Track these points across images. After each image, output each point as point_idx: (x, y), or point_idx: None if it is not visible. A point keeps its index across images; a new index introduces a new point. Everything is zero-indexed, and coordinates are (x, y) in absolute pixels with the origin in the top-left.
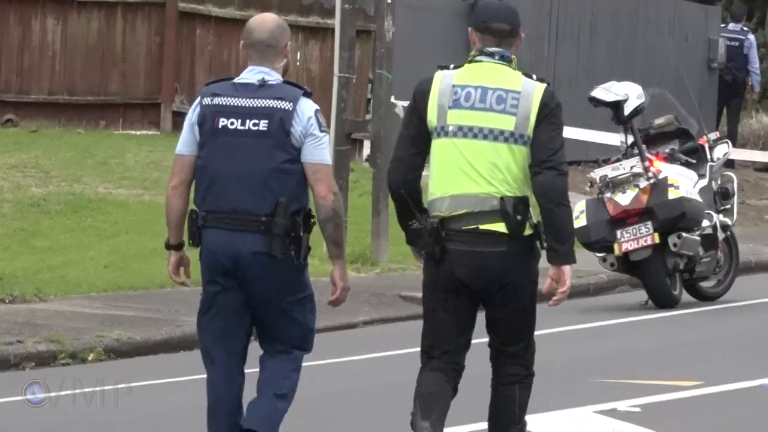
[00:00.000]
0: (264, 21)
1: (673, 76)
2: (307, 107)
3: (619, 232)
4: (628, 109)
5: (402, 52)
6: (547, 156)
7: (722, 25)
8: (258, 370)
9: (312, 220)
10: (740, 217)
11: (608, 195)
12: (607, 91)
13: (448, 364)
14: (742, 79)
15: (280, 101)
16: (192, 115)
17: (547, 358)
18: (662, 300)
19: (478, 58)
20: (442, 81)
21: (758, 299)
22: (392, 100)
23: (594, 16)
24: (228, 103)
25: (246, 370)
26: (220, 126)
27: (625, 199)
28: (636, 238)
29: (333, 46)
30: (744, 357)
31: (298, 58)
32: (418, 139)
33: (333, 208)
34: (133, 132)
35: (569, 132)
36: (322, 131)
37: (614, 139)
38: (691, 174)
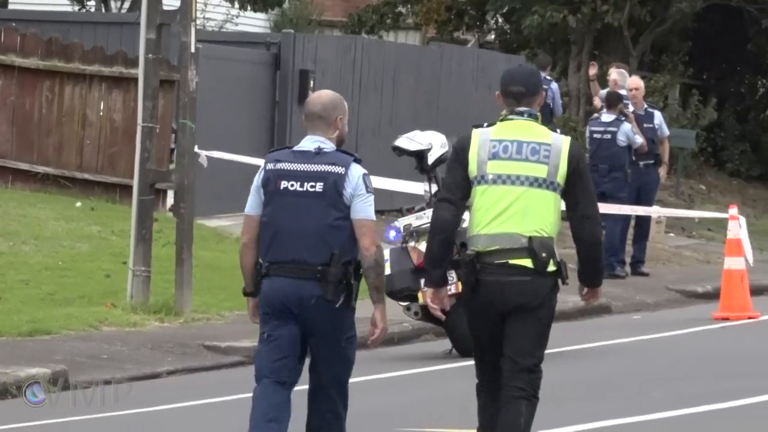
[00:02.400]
0: (320, 96)
1: (472, 123)
2: (356, 171)
3: (423, 281)
4: (431, 158)
5: (205, 102)
6: (587, 207)
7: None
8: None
9: (361, 270)
10: None
11: (412, 244)
12: (411, 141)
13: (496, 378)
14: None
15: (333, 166)
16: (257, 179)
17: (350, 410)
18: (466, 349)
19: (510, 117)
20: (481, 137)
21: (567, 347)
22: (196, 149)
23: (397, 67)
24: (289, 168)
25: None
26: (281, 188)
27: None
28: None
29: (136, 95)
30: (548, 406)
31: (102, 108)
32: (461, 185)
33: (375, 259)
34: None
35: (373, 181)
36: (368, 192)
37: (418, 188)
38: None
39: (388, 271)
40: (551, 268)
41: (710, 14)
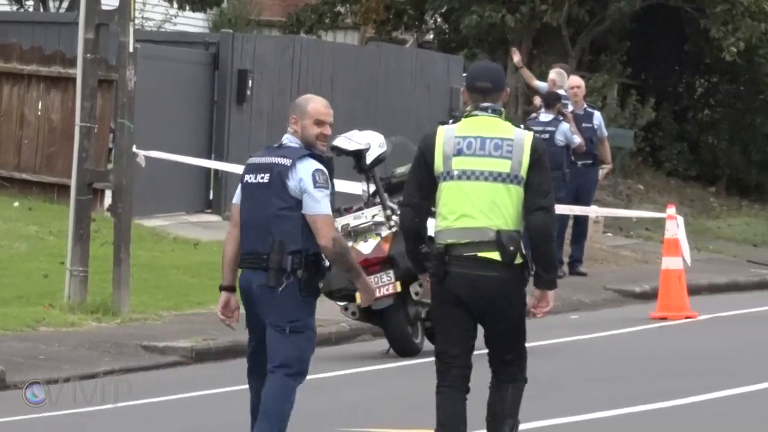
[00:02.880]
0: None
1: (415, 125)
2: (305, 166)
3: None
4: (369, 158)
5: (144, 102)
6: (541, 199)
7: (465, 74)
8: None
9: (312, 259)
10: None
11: (350, 244)
12: (349, 140)
13: (458, 373)
14: None
15: (282, 158)
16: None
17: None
18: (404, 348)
19: (474, 112)
20: (446, 134)
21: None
22: (134, 149)
23: (335, 66)
24: (252, 161)
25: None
26: (245, 181)
27: (366, 247)
28: (377, 287)
29: (75, 95)
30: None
31: (40, 107)
32: (424, 184)
33: (335, 252)
34: None
35: None
36: (317, 187)
37: (356, 188)
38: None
39: None
40: (518, 260)
41: (649, 14)
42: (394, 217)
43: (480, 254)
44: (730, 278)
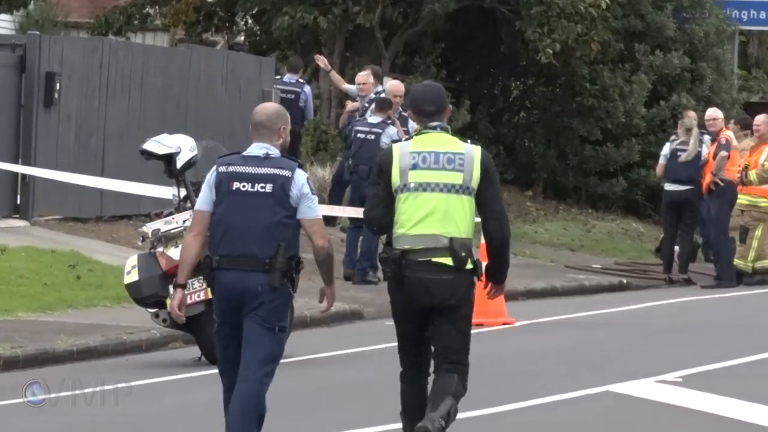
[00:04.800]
0: (264, 107)
1: (227, 128)
2: (301, 176)
3: (171, 287)
4: (180, 162)
5: None
6: (496, 211)
7: (277, 77)
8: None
9: (301, 265)
10: None
11: (161, 249)
12: (159, 144)
13: (419, 362)
14: (298, 132)
15: (281, 170)
16: (210, 179)
17: (97, 419)
18: (215, 356)
19: (424, 130)
20: (401, 150)
21: (321, 353)
22: None
23: (145, 68)
24: (240, 171)
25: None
26: (234, 188)
27: (177, 253)
28: (188, 293)
29: None
30: (298, 414)
31: None
32: (383, 196)
33: (327, 253)
34: None
35: (120, 186)
36: (313, 194)
37: (167, 192)
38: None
39: (135, 277)
40: (469, 266)
41: (463, 15)
42: None
43: (434, 259)
44: (548, 283)
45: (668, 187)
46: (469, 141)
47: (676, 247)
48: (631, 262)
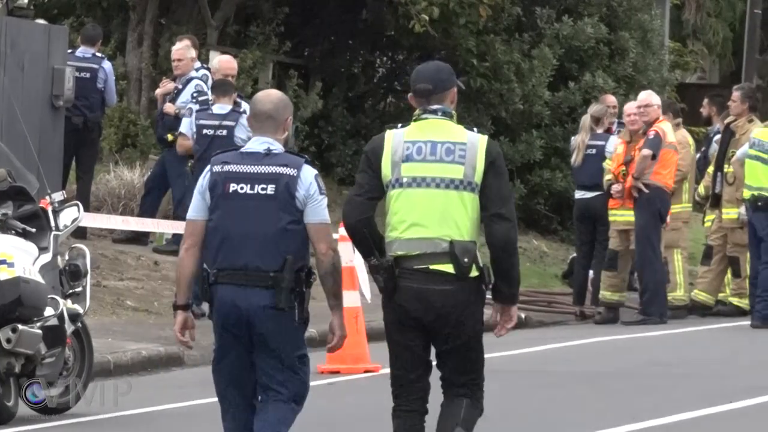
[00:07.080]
0: (269, 94)
1: (5, 117)
2: (308, 173)
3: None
4: None
5: None
6: (500, 207)
7: (70, 51)
8: None
9: (312, 277)
10: (94, 303)
11: None
12: None
13: (417, 395)
14: (97, 121)
15: (285, 168)
16: (203, 181)
17: None
18: None
19: (423, 116)
20: (394, 139)
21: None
22: None
23: None
24: (238, 170)
25: None
26: (230, 191)
27: None
28: None
29: None
30: None
31: None
32: (371, 185)
33: (333, 263)
34: None
35: None
36: (322, 194)
37: None
38: (31, 247)
39: None
40: (474, 273)
41: None
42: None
43: (432, 267)
44: None
45: (577, 194)
46: (476, 129)
47: (591, 272)
48: (532, 291)
